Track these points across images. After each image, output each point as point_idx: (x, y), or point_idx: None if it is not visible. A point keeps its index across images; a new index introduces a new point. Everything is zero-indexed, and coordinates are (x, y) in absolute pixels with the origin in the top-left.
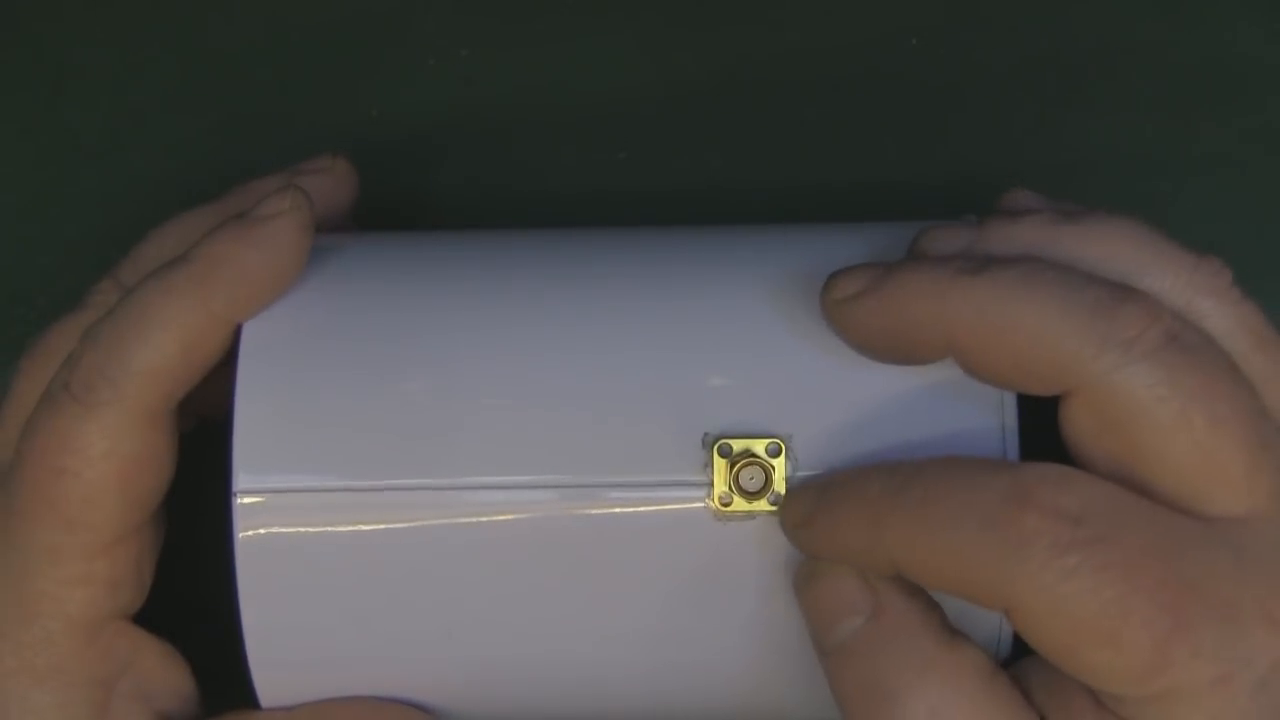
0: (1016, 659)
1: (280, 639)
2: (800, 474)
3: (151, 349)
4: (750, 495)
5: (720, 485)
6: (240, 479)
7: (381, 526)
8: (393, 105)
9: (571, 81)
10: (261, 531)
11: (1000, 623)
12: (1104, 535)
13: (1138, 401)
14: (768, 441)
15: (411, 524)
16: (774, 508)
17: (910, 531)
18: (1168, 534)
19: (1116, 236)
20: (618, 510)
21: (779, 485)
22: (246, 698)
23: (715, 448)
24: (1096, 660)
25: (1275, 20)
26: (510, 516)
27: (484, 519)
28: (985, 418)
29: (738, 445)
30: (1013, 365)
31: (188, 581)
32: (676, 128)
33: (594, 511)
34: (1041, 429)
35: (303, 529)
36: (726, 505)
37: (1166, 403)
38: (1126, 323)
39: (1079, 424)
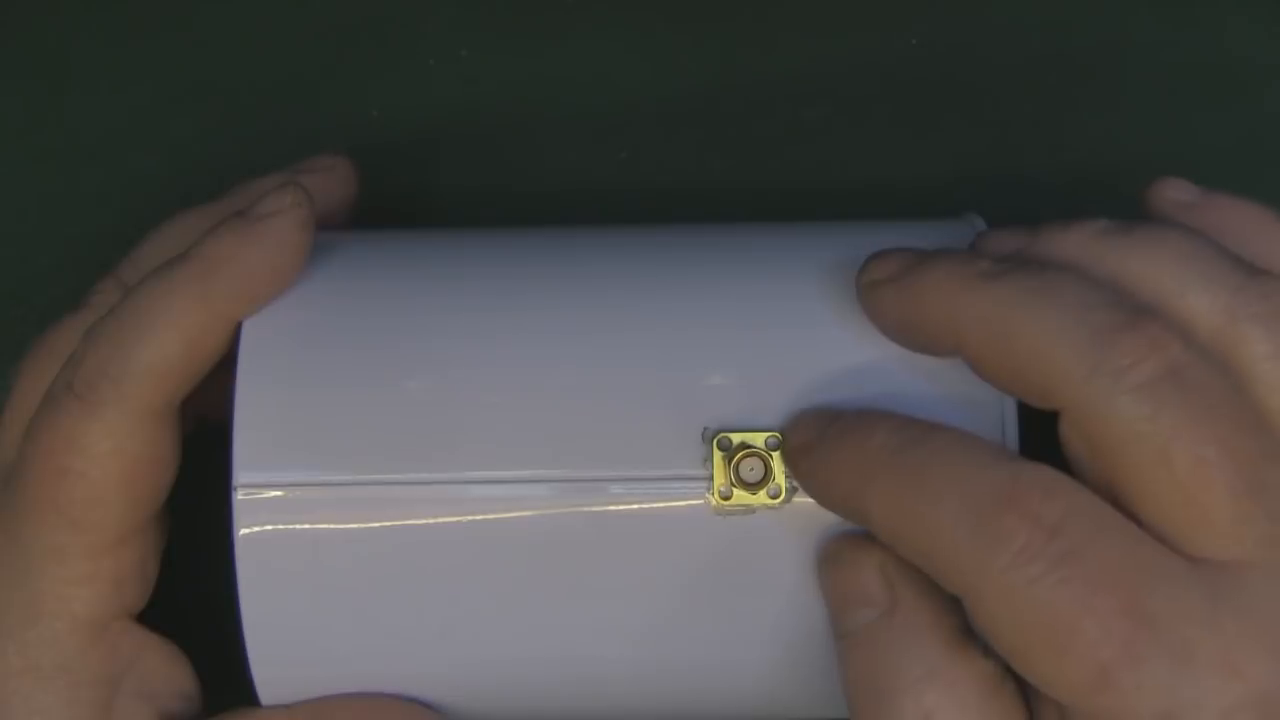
0: None
1: (280, 636)
2: None
3: (153, 347)
4: (750, 487)
5: (720, 479)
6: (240, 474)
7: (382, 522)
8: (393, 105)
9: (571, 81)
10: (262, 527)
11: None
12: (1075, 550)
13: (1121, 434)
14: (767, 435)
15: (412, 519)
16: (774, 500)
17: (894, 495)
18: (1143, 563)
19: (1162, 251)
20: (618, 505)
21: (779, 478)
22: (246, 696)
23: (715, 441)
24: (1040, 666)
25: (1274, 20)
26: (510, 512)
27: (484, 514)
28: (986, 414)
29: (737, 439)
30: (1010, 375)
31: (187, 580)
32: (676, 128)
33: (594, 506)
34: (1047, 429)
35: (303, 525)
36: (727, 499)
37: (1148, 439)
38: (1123, 351)
39: (1071, 443)
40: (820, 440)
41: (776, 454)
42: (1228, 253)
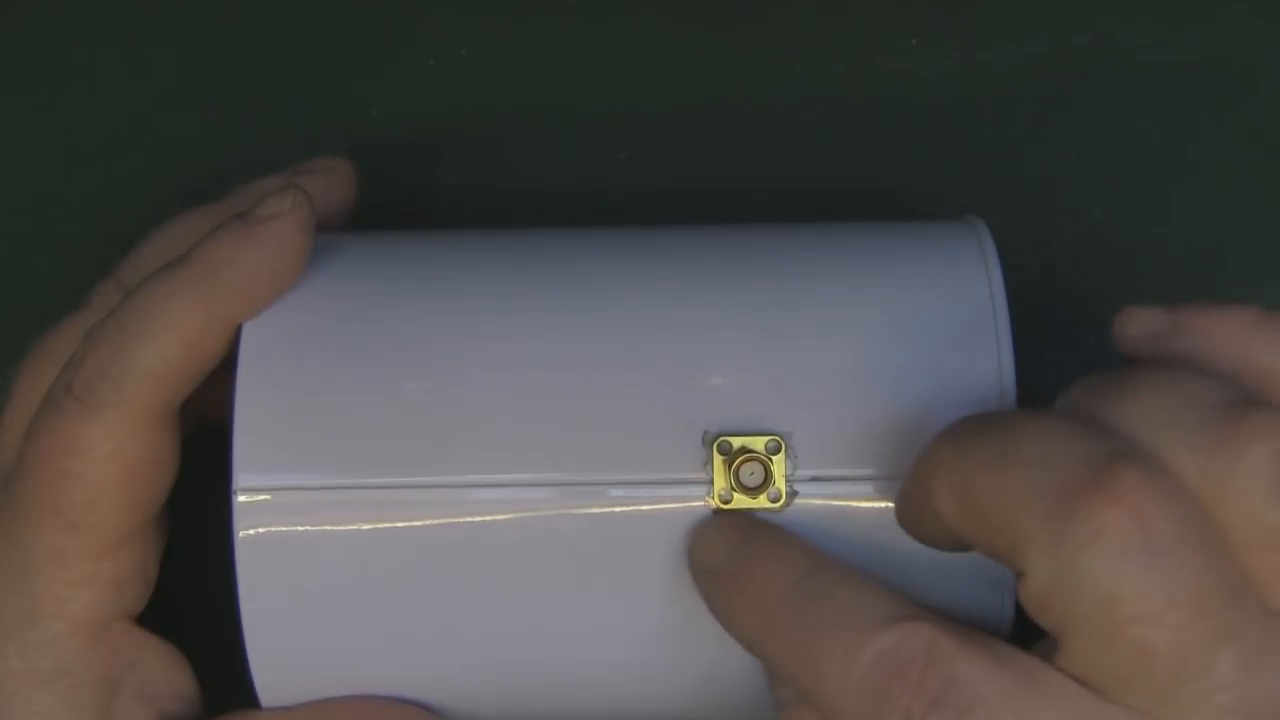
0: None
1: (280, 638)
2: (800, 472)
3: (153, 350)
4: (750, 491)
5: (720, 483)
6: (240, 477)
7: (382, 525)
8: (393, 105)
9: (571, 81)
10: (261, 530)
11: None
12: None
13: (1072, 611)
14: (767, 439)
15: (411, 522)
16: (774, 504)
17: (786, 658)
18: None
19: (1135, 408)
20: (618, 509)
21: (779, 482)
22: (246, 698)
23: (715, 445)
24: None
25: (1274, 20)
26: (510, 515)
27: (484, 517)
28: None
29: (737, 443)
30: (985, 546)
31: (187, 581)
32: (676, 128)
33: (594, 510)
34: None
35: (303, 527)
36: (727, 503)
37: (1098, 622)
38: (1083, 518)
39: (1025, 597)
40: (725, 569)
41: (777, 458)
42: (1201, 405)
